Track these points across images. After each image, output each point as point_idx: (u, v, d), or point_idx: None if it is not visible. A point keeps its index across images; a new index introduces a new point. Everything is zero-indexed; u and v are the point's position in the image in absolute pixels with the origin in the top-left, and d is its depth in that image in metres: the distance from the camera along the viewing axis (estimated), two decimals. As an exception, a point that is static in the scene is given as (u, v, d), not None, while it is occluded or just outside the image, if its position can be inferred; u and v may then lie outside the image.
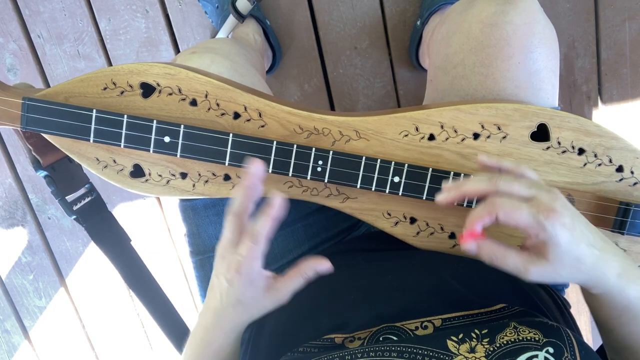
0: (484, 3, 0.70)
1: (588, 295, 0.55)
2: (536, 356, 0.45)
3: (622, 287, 0.51)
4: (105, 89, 0.62)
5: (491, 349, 0.46)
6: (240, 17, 1.15)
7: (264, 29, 1.21)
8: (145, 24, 1.30)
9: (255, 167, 0.55)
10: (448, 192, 0.55)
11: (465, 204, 0.64)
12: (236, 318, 0.60)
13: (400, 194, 0.64)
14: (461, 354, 0.46)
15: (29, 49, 1.33)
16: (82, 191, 0.71)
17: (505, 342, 0.46)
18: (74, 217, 0.69)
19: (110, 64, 1.34)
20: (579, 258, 0.50)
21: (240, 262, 0.55)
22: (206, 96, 0.62)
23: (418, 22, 1.19)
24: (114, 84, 0.62)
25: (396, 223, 0.68)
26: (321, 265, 0.57)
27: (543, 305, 0.61)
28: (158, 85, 0.62)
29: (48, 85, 1.36)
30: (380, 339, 0.53)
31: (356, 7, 1.25)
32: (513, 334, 0.47)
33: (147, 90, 0.62)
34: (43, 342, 1.63)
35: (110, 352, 1.63)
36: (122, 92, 0.62)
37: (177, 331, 0.78)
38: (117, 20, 1.30)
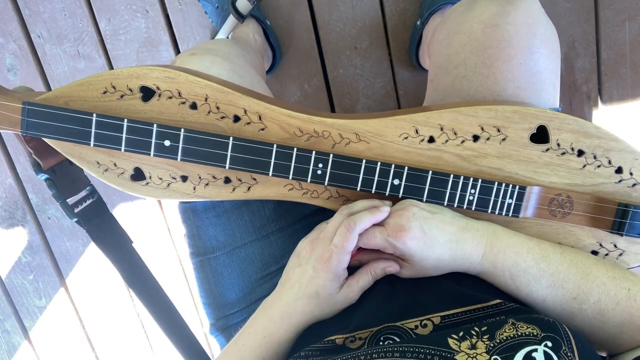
0: (485, 4, 0.70)
1: None
2: (535, 350, 0.46)
3: (492, 263, 0.60)
4: (105, 92, 0.62)
5: (491, 344, 0.47)
6: (240, 17, 1.15)
7: (264, 29, 1.21)
8: (145, 24, 1.30)
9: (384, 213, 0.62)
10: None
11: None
12: (307, 311, 0.62)
13: (400, 196, 0.64)
14: (463, 351, 0.47)
15: (29, 49, 1.33)
16: (83, 193, 0.71)
17: (504, 337, 0.47)
18: (76, 219, 0.69)
19: (110, 64, 1.34)
20: (437, 258, 0.59)
21: (332, 252, 0.60)
22: (206, 99, 0.62)
23: (418, 22, 1.19)
24: (114, 87, 0.62)
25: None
26: (391, 267, 0.63)
27: None
28: (158, 88, 0.62)
29: (48, 85, 1.36)
30: (382, 339, 0.53)
31: (356, 7, 1.25)
32: (512, 329, 0.48)
33: (147, 93, 0.62)
34: (43, 342, 1.63)
35: (110, 352, 1.63)
36: (122, 96, 0.62)
37: (178, 332, 0.78)
38: (117, 20, 1.30)
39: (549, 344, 0.46)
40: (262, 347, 0.62)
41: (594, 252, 0.68)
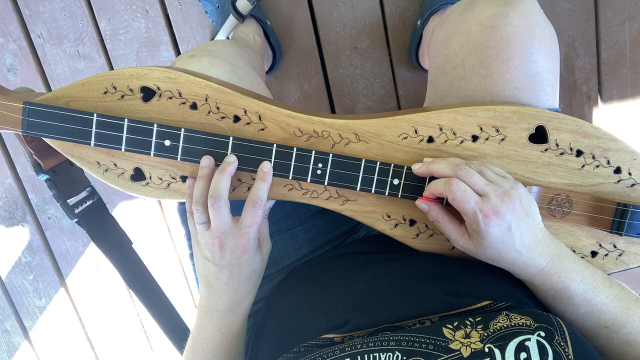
0: (484, 4, 0.70)
1: None
2: (529, 339, 0.46)
3: (542, 280, 0.60)
4: (105, 93, 0.62)
5: (485, 334, 0.48)
6: (241, 17, 1.15)
7: (264, 29, 1.21)
8: (145, 24, 1.30)
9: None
10: (421, 165, 0.63)
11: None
12: (252, 287, 0.66)
13: (399, 196, 0.65)
14: (457, 340, 0.48)
15: (29, 49, 1.33)
16: (83, 194, 0.71)
17: (498, 327, 0.48)
18: (76, 220, 0.69)
19: (110, 64, 1.34)
20: (501, 254, 0.59)
21: (248, 235, 0.61)
22: (206, 100, 0.63)
23: (418, 22, 1.19)
24: (115, 88, 0.62)
25: (396, 225, 0.68)
26: (269, 203, 0.67)
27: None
28: (158, 89, 0.62)
29: (48, 85, 1.36)
30: (379, 334, 0.53)
31: (356, 7, 1.25)
32: (505, 320, 0.49)
33: (148, 94, 0.62)
34: (43, 342, 1.63)
35: (110, 352, 1.63)
36: (122, 96, 0.62)
37: (178, 332, 0.79)
38: (117, 20, 1.30)
39: (542, 333, 0.47)
40: (225, 343, 0.66)
41: (594, 253, 0.68)
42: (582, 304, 0.59)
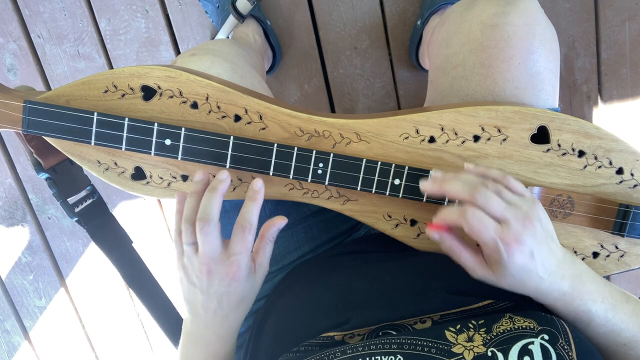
0: (484, 4, 0.70)
1: None
2: (532, 343, 0.46)
3: (565, 304, 0.55)
4: (106, 91, 0.62)
5: (488, 337, 0.47)
6: (241, 17, 1.15)
7: (264, 29, 1.21)
8: (145, 24, 1.30)
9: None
10: (432, 183, 0.57)
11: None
12: (240, 317, 0.61)
13: (400, 196, 0.64)
14: (460, 343, 0.47)
15: (29, 49, 1.33)
16: (83, 193, 0.71)
17: (501, 330, 0.48)
18: (76, 219, 0.69)
19: (110, 64, 1.34)
20: (523, 282, 0.53)
21: (239, 262, 0.56)
22: (207, 99, 0.63)
23: (418, 22, 1.19)
24: (115, 86, 0.62)
25: (397, 225, 0.68)
26: (279, 222, 0.59)
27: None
28: (159, 88, 0.62)
29: (48, 85, 1.36)
30: (380, 333, 0.53)
31: (356, 7, 1.25)
32: (509, 323, 0.49)
33: (148, 93, 0.62)
34: (43, 342, 1.63)
35: (110, 352, 1.63)
36: (123, 95, 0.62)
37: (178, 333, 0.78)
38: (117, 20, 1.30)
39: (546, 337, 0.46)
40: None
41: (595, 254, 0.68)
42: (603, 324, 0.55)
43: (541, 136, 0.64)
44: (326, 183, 0.64)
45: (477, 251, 0.56)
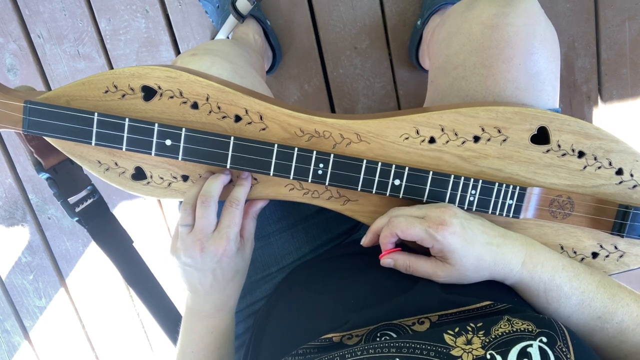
0: (484, 4, 0.70)
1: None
2: (530, 345, 0.46)
3: (530, 273, 0.60)
4: (106, 92, 0.62)
5: (487, 340, 0.47)
6: (241, 17, 1.15)
7: (264, 29, 1.21)
8: (145, 24, 1.30)
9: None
10: (366, 238, 0.65)
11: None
12: (237, 288, 0.67)
13: (401, 196, 0.64)
14: (458, 346, 0.47)
15: (29, 49, 1.33)
16: (84, 193, 0.71)
17: (500, 333, 0.48)
18: (77, 219, 0.69)
19: (110, 64, 1.34)
20: (478, 257, 0.58)
21: (226, 234, 0.61)
22: (207, 99, 0.63)
23: (419, 22, 1.19)
24: (115, 87, 0.62)
25: (397, 225, 0.68)
26: (262, 202, 0.67)
27: None
28: (159, 88, 0.62)
29: (48, 85, 1.36)
30: (378, 335, 0.53)
31: (356, 7, 1.25)
32: (507, 325, 0.49)
33: (149, 93, 0.62)
34: (43, 342, 1.63)
35: (110, 352, 1.63)
36: (123, 95, 0.62)
37: (178, 331, 0.79)
38: (117, 20, 1.30)
39: (544, 339, 0.46)
40: (214, 343, 0.67)
41: (595, 254, 0.68)
42: (571, 293, 0.59)
43: (541, 137, 0.64)
44: (326, 183, 0.64)
45: (428, 258, 0.61)
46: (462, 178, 0.63)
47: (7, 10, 1.30)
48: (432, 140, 0.65)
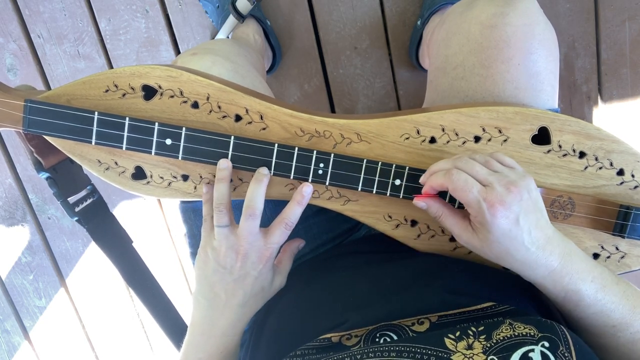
0: (483, 4, 0.70)
1: None
2: (532, 350, 0.45)
3: (554, 282, 0.56)
4: (107, 91, 0.62)
5: (488, 345, 0.47)
6: (241, 17, 1.15)
7: (264, 29, 1.21)
8: (145, 24, 1.30)
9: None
10: (424, 176, 0.61)
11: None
12: (254, 307, 0.66)
13: (401, 196, 0.64)
14: (459, 351, 0.47)
15: (29, 49, 1.33)
16: (83, 193, 0.71)
17: (501, 338, 0.47)
18: (76, 218, 0.69)
19: (110, 64, 1.34)
20: (508, 251, 0.55)
21: (271, 249, 0.62)
22: (208, 99, 0.62)
23: (419, 22, 1.19)
24: (116, 86, 0.62)
25: (397, 226, 0.68)
26: (299, 242, 0.71)
27: (544, 307, 0.61)
28: (160, 87, 0.62)
29: (48, 85, 1.36)
30: (377, 335, 0.53)
31: (356, 7, 1.25)
32: (509, 330, 0.48)
33: (149, 92, 0.62)
34: (43, 342, 1.63)
35: (110, 352, 1.63)
36: (123, 95, 0.62)
37: (177, 331, 0.78)
38: (117, 20, 1.30)
39: (546, 344, 0.46)
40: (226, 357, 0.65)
41: (596, 255, 0.68)
42: (592, 304, 0.56)
43: (542, 137, 0.64)
44: (327, 183, 0.64)
45: (463, 217, 0.59)
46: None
47: (7, 10, 1.30)
48: (432, 140, 0.64)
